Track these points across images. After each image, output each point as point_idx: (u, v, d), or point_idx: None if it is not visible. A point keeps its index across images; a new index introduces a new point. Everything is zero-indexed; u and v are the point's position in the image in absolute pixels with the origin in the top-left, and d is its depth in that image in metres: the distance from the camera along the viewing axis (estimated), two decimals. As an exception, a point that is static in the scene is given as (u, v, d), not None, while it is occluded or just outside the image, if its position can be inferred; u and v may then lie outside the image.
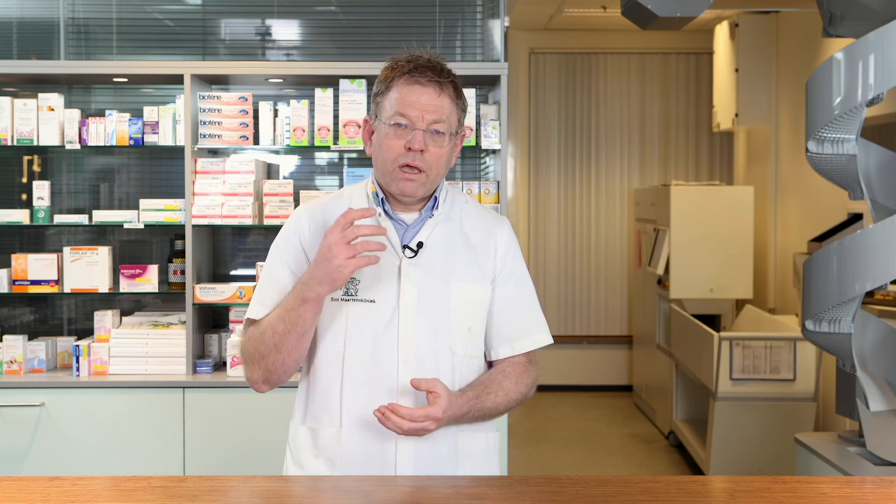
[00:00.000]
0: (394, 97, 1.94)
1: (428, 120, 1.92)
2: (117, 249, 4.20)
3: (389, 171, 1.94)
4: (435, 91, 1.93)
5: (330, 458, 1.96)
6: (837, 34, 3.35)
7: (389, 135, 1.94)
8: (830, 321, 2.99)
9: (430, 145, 1.93)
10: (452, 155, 2.01)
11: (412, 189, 1.94)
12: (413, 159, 1.92)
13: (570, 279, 7.64)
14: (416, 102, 1.92)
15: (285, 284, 1.98)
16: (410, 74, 1.93)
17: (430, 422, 1.84)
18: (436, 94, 1.93)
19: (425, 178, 1.94)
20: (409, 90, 1.93)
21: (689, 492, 1.79)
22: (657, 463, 5.64)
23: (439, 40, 4.35)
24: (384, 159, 1.95)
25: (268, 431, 3.60)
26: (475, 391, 1.96)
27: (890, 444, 2.97)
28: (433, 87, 1.93)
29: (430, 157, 1.93)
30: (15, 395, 3.70)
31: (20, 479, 1.83)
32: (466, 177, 4.36)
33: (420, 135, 1.91)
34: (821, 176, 3.10)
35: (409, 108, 1.92)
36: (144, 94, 4.33)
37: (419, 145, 1.91)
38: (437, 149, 1.94)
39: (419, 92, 1.93)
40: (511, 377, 2.02)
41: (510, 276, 2.05)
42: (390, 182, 1.95)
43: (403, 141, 1.92)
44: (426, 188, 1.96)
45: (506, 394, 1.99)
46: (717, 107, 6.84)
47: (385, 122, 1.94)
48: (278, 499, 1.76)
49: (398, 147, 1.92)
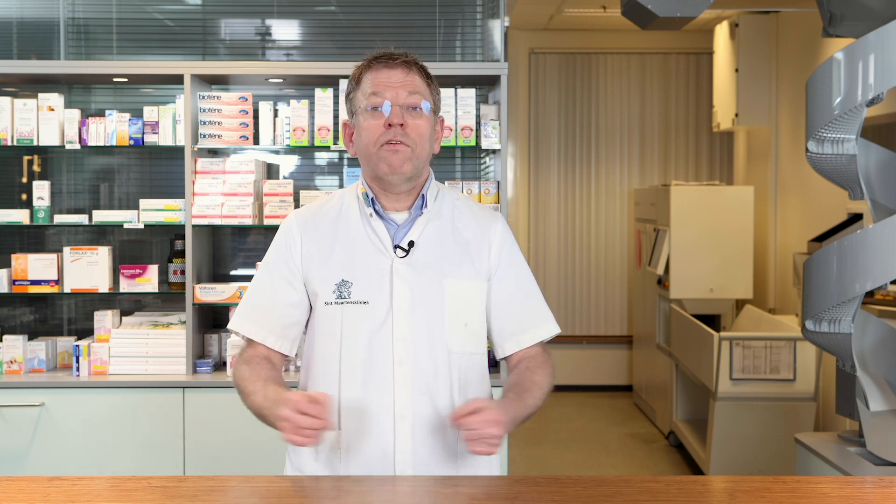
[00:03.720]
0: (366, 86, 1.96)
1: (402, 94, 1.94)
2: (117, 249, 4.20)
3: (374, 153, 1.94)
4: (403, 70, 1.96)
5: (329, 462, 1.96)
6: (837, 34, 3.35)
7: (367, 119, 1.95)
8: (830, 321, 2.99)
9: (408, 119, 1.93)
10: (434, 137, 2.02)
11: (398, 161, 1.92)
12: (395, 134, 1.92)
13: (570, 279, 7.64)
14: (386, 81, 1.94)
15: (275, 297, 2.00)
16: (377, 61, 1.98)
17: (492, 425, 1.78)
18: (404, 73, 1.96)
19: (410, 152, 1.93)
20: (378, 74, 1.96)
21: (689, 492, 1.79)
22: (657, 463, 5.64)
23: (439, 40, 4.35)
24: (366, 143, 1.96)
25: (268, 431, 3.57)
26: (515, 392, 1.96)
27: (890, 444, 2.97)
28: (401, 66, 1.96)
29: (412, 131, 1.93)
30: (15, 395, 3.70)
31: (20, 479, 1.83)
32: (466, 177, 4.35)
33: (397, 109, 1.93)
34: (821, 176, 3.10)
35: (381, 87, 1.94)
36: (144, 94, 4.32)
37: (398, 119, 1.92)
38: (415, 121, 1.94)
39: (388, 73, 1.95)
40: (537, 371, 2.02)
41: (508, 270, 2.05)
42: (376, 164, 1.95)
43: (381, 121, 1.93)
44: (413, 163, 1.94)
45: (540, 388, 2.00)
46: (717, 107, 6.84)
47: (362, 111, 1.96)
48: (278, 499, 1.76)
49: (377, 127, 1.93)
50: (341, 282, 1.96)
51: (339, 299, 1.96)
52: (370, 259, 1.97)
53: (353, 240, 1.99)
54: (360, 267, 1.96)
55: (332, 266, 1.98)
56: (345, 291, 1.96)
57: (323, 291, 1.97)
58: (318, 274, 1.98)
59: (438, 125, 2.05)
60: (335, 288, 1.96)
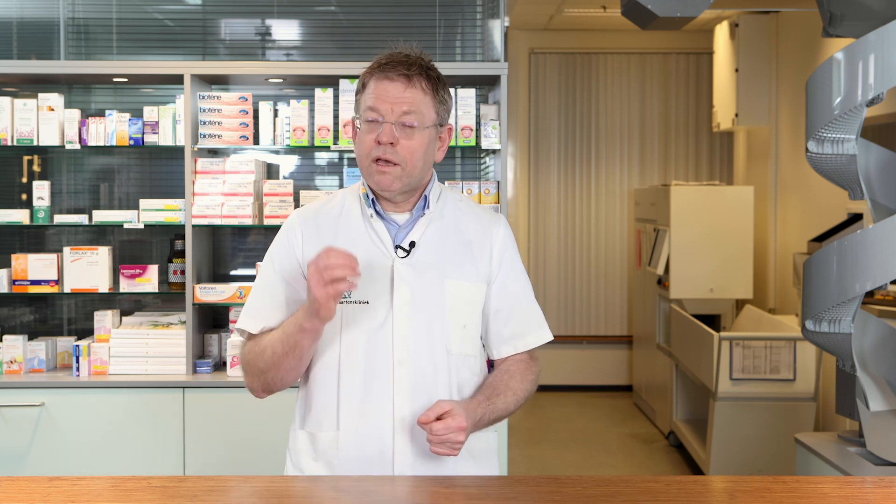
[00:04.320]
0: (367, 94, 1.95)
1: (397, 112, 1.92)
2: (117, 249, 4.20)
3: (366, 165, 1.95)
4: (402, 84, 1.93)
5: (329, 462, 1.96)
6: (837, 34, 3.35)
7: (363, 130, 1.95)
8: (830, 321, 2.99)
9: (401, 138, 1.92)
10: (433, 148, 2.00)
11: (387, 182, 1.93)
12: (384, 152, 1.91)
13: (570, 279, 7.64)
14: (384, 95, 1.93)
15: (279, 295, 2.00)
16: (381, 69, 1.95)
17: (456, 432, 1.82)
18: (403, 87, 1.93)
19: (400, 171, 1.93)
20: (378, 85, 1.94)
21: (689, 492, 1.79)
22: (657, 463, 5.64)
23: (439, 40, 4.35)
24: (360, 155, 1.97)
25: (268, 431, 3.60)
26: (485, 394, 1.96)
27: (890, 444, 2.97)
28: (401, 80, 1.93)
29: (403, 150, 1.92)
30: (15, 395, 3.70)
31: (20, 479, 1.83)
32: (466, 177, 4.36)
33: (389, 127, 1.92)
34: (821, 176, 3.10)
35: (378, 101, 1.93)
36: (144, 94, 4.33)
37: (387, 138, 1.91)
38: (408, 141, 1.93)
39: (387, 86, 1.93)
40: (516, 376, 2.02)
41: (508, 273, 2.05)
42: (368, 177, 1.96)
43: (375, 135, 1.93)
44: (403, 182, 1.94)
45: (514, 393, 2.00)
46: (717, 107, 6.84)
47: (361, 119, 1.96)
48: (278, 499, 1.76)
49: (370, 141, 1.93)
50: None
51: (340, 299, 1.95)
52: (371, 259, 1.96)
53: (353, 239, 1.99)
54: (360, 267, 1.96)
55: None
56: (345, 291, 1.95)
57: None
58: None
59: (444, 133, 2.03)
60: (336, 288, 1.96)
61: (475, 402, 1.92)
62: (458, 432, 1.82)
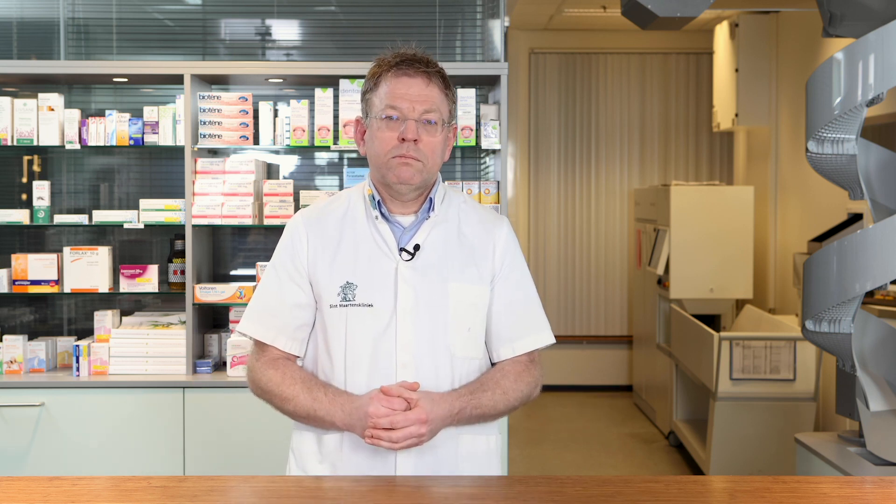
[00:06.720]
0: (383, 92, 1.94)
1: (419, 110, 1.93)
2: (117, 249, 4.20)
3: (385, 162, 1.94)
4: (423, 81, 1.94)
5: (333, 463, 1.96)
6: (837, 34, 3.35)
7: (382, 128, 1.94)
8: (830, 321, 2.99)
9: (422, 135, 1.93)
10: (446, 146, 2.01)
11: (409, 174, 1.93)
12: (407, 150, 1.92)
13: (570, 279, 7.64)
14: (405, 94, 1.93)
15: (287, 299, 1.99)
16: (398, 67, 1.94)
17: (416, 425, 1.83)
18: (424, 84, 1.94)
19: (422, 166, 1.94)
20: (398, 82, 1.94)
21: (689, 492, 1.79)
22: (657, 463, 5.64)
23: (439, 40, 4.35)
24: (378, 153, 1.95)
25: (268, 431, 3.60)
26: (469, 388, 1.95)
27: (890, 444, 2.97)
28: (421, 77, 1.94)
29: (424, 147, 1.93)
30: (15, 395, 3.70)
31: (20, 479, 1.83)
32: (466, 177, 4.36)
33: (413, 125, 1.92)
34: (821, 176, 3.10)
35: (399, 99, 1.92)
36: (144, 94, 4.33)
37: (412, 134, 1.91)
38: (429, 138, 1.94)
39: (407, 83, 1.93)
40: (510, 376, 2.00)
41: (510, 275, 2.04)
42: (386, 172, 1.94)
43: (396, 133, 1.92)
44: (423, 176, 1.95)
45: (504, 392, 1.97)
46: (717, 107, 6.84)
47: (376, 116, 1.95)
48: (278, 499, 1.76)
49: (391, 139, 1.93)
50: (346, 284, 1.95)
51: (344, 302, 1.95)
52: (375, 261, 1.96)
53: (358, 241, 1.98)
54: (364, 269, 1.96)
55: (337, 268, 1.97)
56: (349, 294, 1.95)
57: (328, 294, 1.97)
58: (324, 276, 1.98)
59: (451, 132, 2.04)
60: (340, 290, 1.96)
61: (455, 395, 1.92)
62: (419, 424, 1.83)
